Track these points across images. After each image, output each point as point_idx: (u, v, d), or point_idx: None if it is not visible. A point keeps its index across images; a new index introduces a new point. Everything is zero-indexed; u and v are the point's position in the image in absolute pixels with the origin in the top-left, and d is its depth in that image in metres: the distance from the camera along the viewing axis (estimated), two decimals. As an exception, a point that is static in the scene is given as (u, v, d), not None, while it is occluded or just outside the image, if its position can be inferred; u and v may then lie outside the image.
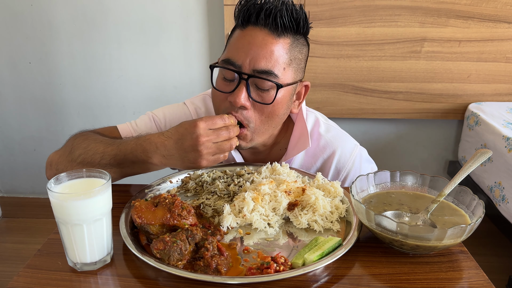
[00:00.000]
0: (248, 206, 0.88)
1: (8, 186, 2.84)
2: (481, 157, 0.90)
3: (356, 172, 1.14)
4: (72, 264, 0.76)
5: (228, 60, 0.95)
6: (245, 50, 0.92)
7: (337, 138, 1.15)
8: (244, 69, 0.93)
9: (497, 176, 1.95)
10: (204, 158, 0.88)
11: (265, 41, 0.92)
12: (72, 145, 0.99)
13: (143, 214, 0.80)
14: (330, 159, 1.13)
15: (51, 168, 1.01)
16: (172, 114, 1.17)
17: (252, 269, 0.73)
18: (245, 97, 0.94)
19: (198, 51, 2.42)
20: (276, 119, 1.01)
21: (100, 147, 0.95)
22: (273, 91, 0.95)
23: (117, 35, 2.39)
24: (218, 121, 0.89)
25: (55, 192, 0.71)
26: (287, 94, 0.99)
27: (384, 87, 2.36)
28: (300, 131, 1.11)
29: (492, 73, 2.32)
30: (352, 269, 0.76)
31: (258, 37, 0.92)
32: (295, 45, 0.96)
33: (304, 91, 1.07)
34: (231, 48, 0.96)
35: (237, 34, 0.96)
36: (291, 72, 0.97)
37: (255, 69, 0.93)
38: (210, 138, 0.87)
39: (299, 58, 0.99)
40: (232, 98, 0.95)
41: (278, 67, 0.93)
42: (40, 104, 2.58)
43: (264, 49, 0.92)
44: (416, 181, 0.95)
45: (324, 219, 0.89)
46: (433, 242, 0.75)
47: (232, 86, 0.96)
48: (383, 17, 2.21)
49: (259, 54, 0.92)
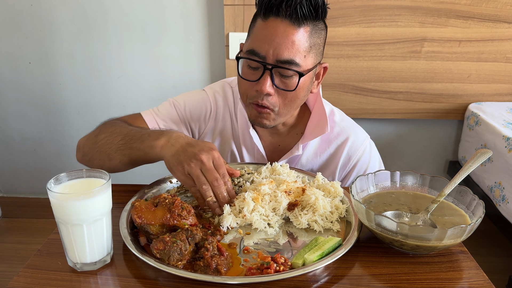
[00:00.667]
0: (248, 206, 0.88)
1: (8, 186, 2.84)
2: (481, 157, 0.90)
3: (366, 159, 1.19)
4: (72, 264, 0.76)
5: (253, 50, 1.00)
6: (268, 41, 0.97)
7: (350, 126, 1.22)
8: (268, 60, 0.98)
9: (497, 176, 1.95)
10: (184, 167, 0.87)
11: (287, 32, 0.97)
12: (99, 130, 1.08)
13: (143, 214, 0.80)
14: (343, 145, 1.19)
15: (79, 151, 1.12)
16: (191, 99, 1.23)
17: (252, 269, 0.73)
18: (270, 85, 1.00)
19: (198, 51, 2.42)
20: (298, 101, 1.07)
21: (125, 130, 1.03)
22: (296, 78, 1.01)
23: (117, 35, 2.39)
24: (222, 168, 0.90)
25: (55, 192, 0.71)
26: (308, 79, 1.05)
27: (384, 87, 2.36)
28: (319, 117, 1.17)
29: (492, 73, 2.32)
30: (352, 269, 0.76)
31: (279, 28, 0.97)
32: (314, 31, 1.01)
33: (323, 72, 1.12)
34: (254, 39, 1.01)
35: (259, 24, 1.00)
36: (312, 57, 1.02)
37: (278, 59, 0.98)
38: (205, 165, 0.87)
39: (318, 43, 1.03)
40: (258, 87, 1.01)
41: (299, 55, 0.98)
42: (40, 104, 2.58)
43: (286, 40, 0.97)
44: (416, 181, 0.95)
45: (324, 219, 0.89)
46: (433, 242, 0.75)
47: (257, 75, 1.01)
48: (383, 17, 2.21)
49: (281, 45, 0.97)
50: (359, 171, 1.20)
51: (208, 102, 1.23)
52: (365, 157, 1.20)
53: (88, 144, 1.09)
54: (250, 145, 1.22)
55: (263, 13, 0.98)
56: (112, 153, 1.02)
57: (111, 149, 1.02)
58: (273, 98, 1.03)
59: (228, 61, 2.31)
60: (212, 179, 0.87)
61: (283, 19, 0.96)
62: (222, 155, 1.16)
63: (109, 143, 1.02)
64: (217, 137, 1.24)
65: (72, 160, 2.71)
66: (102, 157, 1.04)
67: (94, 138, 1.07)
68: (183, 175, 0.88)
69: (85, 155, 1.10)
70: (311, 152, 1.20)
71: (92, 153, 1.07)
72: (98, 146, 1.05)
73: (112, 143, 1.02)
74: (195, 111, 1.22)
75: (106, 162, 1.04)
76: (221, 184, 0.88)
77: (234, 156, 1.24)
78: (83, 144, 1.11)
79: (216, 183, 0.88)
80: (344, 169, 1.20)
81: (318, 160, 1.20)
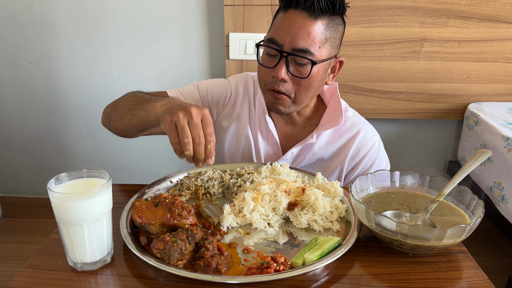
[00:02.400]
0: (248, 206, 0.88)
1: (8, 186, 2.84)
2: (480, 157, 0.90)
3: (373, 154, 1.25)
4: (73, 264, 0.76)
5: (272, 39, 1.07)
6: (286, 31, 1.05)
7: (362, 122, 1.29)
8: (285, 48, 1.05)
9: (496, 176, 1.95)
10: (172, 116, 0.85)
11: (303, 23, 1.03)
12: (123, 96, 1.17)
13: (143, 214, 0.80)
14: (354, 137, 1.24)
15: (103, 114, 1.24)
16: (214, 83, 1.32)
17: (252, 269, 0.73)
18: (285, 71, 1.07)
19: (198, 51, 2.42)
20: (312, 90, 1.13)
21: (141, 95, 1.09)
22: (309, 66, 1.06)
23: (117, 35, 2.39)
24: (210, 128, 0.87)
25: (55, 192, 0.71)
26: (321, 69, 1.10)
27: (384, 87, 2.36)
28: (334, 110, 1.23)
29: (492, 73, 2.32)
30: (352, 269, 0.77)
31: (297, 19, 1.04)
32: (331, 25, 1.06)
33: (339, 66, 1.18)
34: (274, 29, 1.08)
35: (280, 16, 1.08)
36: (326, 49, 1.08)
37: (294, 48, 1.04)
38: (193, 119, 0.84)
39: (334, 36, 1.09)
40: (274, 73, 1.08)
41: (314, 45, 1.05)
42: (40, 104, 2.58)
43: (302, 30, 1.03)
44: (416, 181, 0.95)
45: (324, 219, 0.89)
46: (432, 242, 0.75)
47: (274, 62, 1.08)
48: (383, 17, 2.21)
49: (297, 35, 1.04)
50: (366, 164, 1.24)
51: (230, 88, 1.30)
52: (373, 152, 1.25)
53: (110, 106, 1.20)
54: (265, 131, 1.26)
55: (284, 5, 1.06)
56: (124, 113, 1.09)
57: (124, 109, 1.09)
58: (288, 84, 1.09)
59: (228, 61, 2.31)
60: (196, 135, 0.85)
61: (301, 11, 1.03)
62: (237, 139, 1.29)
63: (124, 104, 1.11)
64: (234, 121, 1.29)
65: (72, 160, 2.71)
66: (117, 117, 1.13)
67: (116, 101, 1.18)
68: (168, 123, 0.86)
69: (106, 116, 1.21)
70: (323, 142, 1.25)
71: (112, 114, 1.17)
72: (117, 107, 1.14)
73: (127, 104, 1.10)
74: (216, 94, 1.30)
75: (119, 122, 1.12)
76: (202, 142, 0.85)
77: (249, 141, 1.28)
78: (107, 107, 1.22)
79: (198, 140, 0.85)
80: (352, 160, 1.25)
81: (329, 150, 1.25)
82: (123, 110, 1.10)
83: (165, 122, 0.87)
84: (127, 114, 1.08)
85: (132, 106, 1.06)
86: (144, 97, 1.06)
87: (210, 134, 0.86)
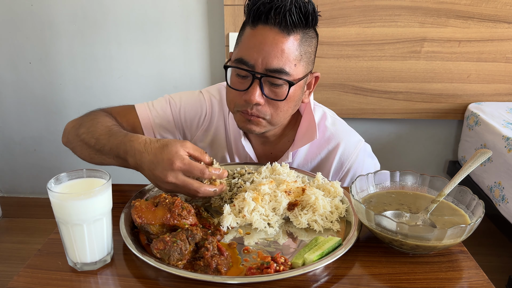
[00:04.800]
0: (248, 207, 0.88)
1: (8, 186, 2.84)
2: (481, 157, 0.90)
3: (359, 165, 1.16)
4: (72, 264, 0.76)
5: (241, 59, 0.97)
6: (257, 49, 0.94)
7: (342, 131, 1.18)
8: (257, 69, 0.96)
9: (497, 176, 1.95)
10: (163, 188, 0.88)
11: (276, 40, 0.94)
12: (82, 120, 1.08)
13: (143, 214, 0.80)
14: (334, 150, 1.16)
15: (64, 135, 1.13)
16: (187, 99, 1.21)
17: (252, 269, 0.73)
18: (259, 95, 0.97)
19: (198, 51, 2.42)
20: (289, 111, 1.05)
21: (97, 133, 1.00)
22: (286, 87, 0.98)
23: (117, 35, 2.39)
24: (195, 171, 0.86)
25: (55, 192, 0.71)
26: (298, 88, 1.02)
27: (384, 87, 2.36)
28: (308, 123, 1.14)
29: (492, 73, 2.32)
30: (352, 269, 0.76)
31: (269, 36, 0.94)
32: (305, 39, 0.98)
33: (314, 82, 1.09)
34: (243, 47, 0.98)
35: (248, 32, 0.97)
36: (302, 66, 0.99)
37: (267, 68, 0.95)
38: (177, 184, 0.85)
39: (309, 51, 1.01)
40: (247, 96, 0.98)
41: (289, 64, 0.95)
42: (40, 104, 2.58)
43: (275, 48, 0.94)
44: (416, 181, 0.95)
45: (324, 219, 0.89)
46: (433, 242, 0.75)
47: (246, 83, 0.98)
48: (383, 17, 2.21)
49: (270, 54, 0.94)
50: (353, 176, 1.17)
51: (204, 105, 1.20)
52: (359, 162, 1.16)
53: (72, 132, 1.08)
54: (242, 154, 1.20)
55: (252, 21, 0.96)
56: (92, 153, 1.02)
57: (92, 149, 1.01)
58: (263, 107, 1.00)
59: (228, 61, 2.31)
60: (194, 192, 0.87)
61: (272, 27, 0.93)
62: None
63: (86, 141, 1.01)
64: (208, 143, 1.22)
65: (72, 160, 2.71)
66: (83, 153, 1.04)
67: (77, 130, 1.06)
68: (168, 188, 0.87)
69: (68, 142, 1.10)
70: (301, 159, 1.18)
71: (74, 144, 1.07)
72: (79, 140, 1.04)
73: (89, 144, 1.01)
74: (190, 114, 1.20)
75: (87, 158, 1.05)
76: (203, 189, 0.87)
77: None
78: (68, 130, 1.11)
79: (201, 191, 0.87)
80: (337, 174, 1.18)
81: (309, 166, 1.19)
82: (91, 150, 1.01)
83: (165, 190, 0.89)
84: (96, 155, 1.00)
85: (98, 151, 0.99)
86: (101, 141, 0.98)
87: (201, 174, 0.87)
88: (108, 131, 1.00)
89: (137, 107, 1.18)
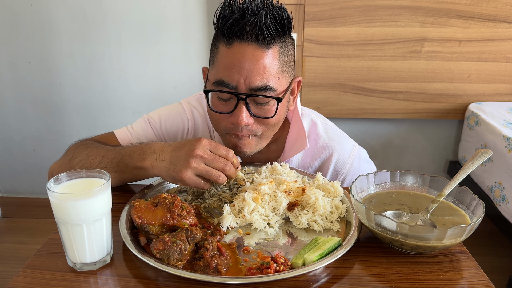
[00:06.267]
0: (248, 207, 0.88)
1: (8, 186, 2.84)
2: (481, 157, 0.90)
3: (355, 173, 1.14)
4: (72, 264, 0.76)
5: (222, 81, 0.92)
6: (237, 69, 0.89)
7: (335, 139, 1.15)
8: (240, 89, 0.91)
9: (497, 176, 1.95)
10: (188, 171, 0.85)
11: (256, 57, 0.89)
12: (73, 153, 1.01)
13: (143, 214, 0.80)
14: (328, 160, 1.13)
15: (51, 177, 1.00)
16: (167, 114, 1.17)
17: (252, 269, 0.73)
18: (247, 115, 0.93)
19: (198, 51, 2.42)
20: (279, 123, 1.03)
21: (101, 152, 0.97)
22: (273, 102, 0.95)
23: (117, 35, 2.39)
24: (222, 150, 0.88)
25: (55, 192, 0.71)
26: (285, 100, 0.99)
27: (384, 87, 2.36)
28: (297, 132, 1.11)
29: (492, 73, 2.32)
30: (352, 269, 0.76)
31: (247, 53, 0.89)
32: (284, 49, 0.94)
33: (297, 86, 1.06)
34: (221, 68, 0.92)
35: (223, 51, 0.91)
36: (285, 78, 0.96)
37: (251, 88, 0.91)
38: (205, 157, 0.86)
39: (289, 60, 0.97)
40: (234, 119, 0.94)
41: (273, 78, 0.92)
42: (40, 104, 2.58)
43: (256, 65, 0.89)
44: (416, 181, 0.94)
45: (324, 219, 0.89)
46: (433, 242, 0.74)
47: (230, 106, 0.94)
48: (383, 17, 2.21)
49: (252, 72, 0.89)
50: (349, 183, 1.14)
51: (186, 118, 1.17)
52: (354, 169, 1.14)
53: (62, 170, 0.99)
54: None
55: (227, 38, 0.89)
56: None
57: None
58: (252, 126, 0.97)
59: (228, 61, 2.31)
60: (222, 166, 0.86)
61: (249, 43, 0.88)
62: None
63: (86, 166, 0.95)
64: None
65: (72, 160, 2.71)
66: None
67: (69, 163, 0.99)
68: (190, 179, 0.86)
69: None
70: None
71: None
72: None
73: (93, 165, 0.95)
74: (172, 128, 1.16)
75: None
76: (231, 165, 0.88)
77: None
78: (56, 170, 1.01)
79: (228, 167, 0.87)
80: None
81: None
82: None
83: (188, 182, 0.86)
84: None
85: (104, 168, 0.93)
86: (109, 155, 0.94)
87: (227, 155, 0.88)
88: (113, 148, 0.98)
89: (116, 133, 1.13)
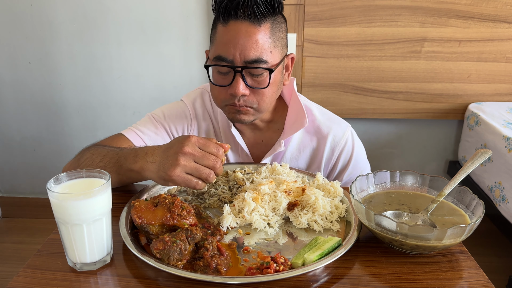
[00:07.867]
0: (248, 207, 0.88)
1: (8, 186, 2.84)
2: (481, 157, 0.90)
3: (349, 148, 1.22)
4: (72, 264, 0.76)
5: (220, 56, 1.02)
6: (233, 44, 0.99)
7: (330, 119, 1.24)
8: (236, 62, 1.01)
9: (497, 176, 1.95)
10: (177, 169, 0.85)
11: (249, 32, 0.99)
12: (81, 154, 1.08)
13: (143, 214, 0.80)
14: (324, 139, 1.22)
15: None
16: (170, 109, 1.25)
17: (252, 269, 0.73)
18: (243, 86, 1.02)
19: (198, 51, 2.42)
20: (274, 95, 1.10)
21: (104, 152, 1.03)
22: (266, 74, 1.03)
23: (117, 35, 2.39)
24: (212, 147, 0.89)
25: (55, 192, 0.71)
26: (278, 73, 1.07)
27: (384, 87, 2.36)
28: (297, 111, 1.19)
29: (492, 73, 2.32)
30: (352, 269, 0.76)
31: (241, 30, 0.99)
32: (275, 26, 1.03)
33: (291, 63, 1.15)
34: (219, 45, 1.03)
35: (221, 30, 1.02)
36: (278, 52, 1.05)
37: (246, 60, 1.00)
38: (195, 154, 0.87)
39: (281, 36, 1.06)
40: (232, 90, 1.03)
41: (266, 52, 1.01)
42: (40, 104, 2.58)
43: (249, 40, 0.99)
44: (416, 181, 0.95)
45: (324, 219, 0.89)
46: (433, 242, 0.75)
47: (228, 79, 1.03)
48: (383, 17, 2.21)
49: (246, 46, 0.99)
50: (344, 160, 1.22)
51: (187, 111, 1.24)
52: (348, 147, 1.22)
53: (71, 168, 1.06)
54: (233, 144, 1.23)
55: (222, 18, 1.01)
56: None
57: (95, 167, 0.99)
58: (249, 97, 1.05)
59: (228, 61, 2.31)
60: (213, 163, 0.87)
61: (243, 21, 0.99)
62: None
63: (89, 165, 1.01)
64: None
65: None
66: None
67: (77, 162, 1.06)
68: (180, 178, 0.86)
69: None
70: (294, 148, 1.22)
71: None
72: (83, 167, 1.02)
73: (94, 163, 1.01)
74: (175, 120, 1.23)
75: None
76: (221, 163, 0.89)
77: None
78: (67, 169, 1.08)
79: (218, 165, 0.88)
80: (329, 161, 1.23)
81: (302, 156, 1.23)
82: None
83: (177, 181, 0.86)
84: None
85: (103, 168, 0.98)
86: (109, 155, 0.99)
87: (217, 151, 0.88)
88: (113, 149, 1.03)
89: (124, 133, 1.18)
